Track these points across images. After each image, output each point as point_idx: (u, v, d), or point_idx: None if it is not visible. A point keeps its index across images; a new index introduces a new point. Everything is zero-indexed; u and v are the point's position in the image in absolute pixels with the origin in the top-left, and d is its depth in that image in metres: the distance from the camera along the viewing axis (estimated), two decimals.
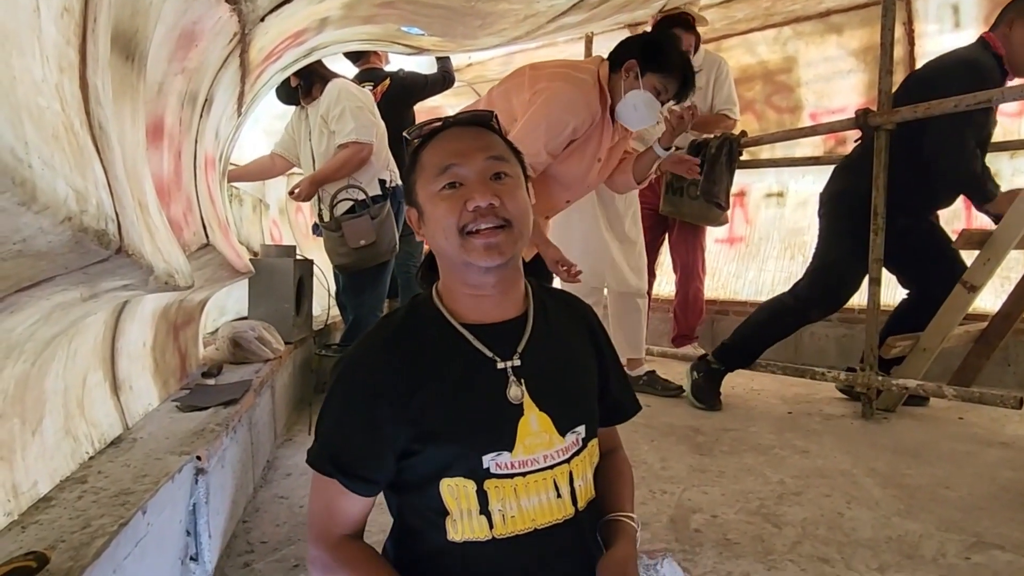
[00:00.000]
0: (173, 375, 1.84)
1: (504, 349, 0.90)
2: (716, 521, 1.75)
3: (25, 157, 0.53)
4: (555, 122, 2.19)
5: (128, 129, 1.01)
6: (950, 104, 2.50)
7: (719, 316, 4.48)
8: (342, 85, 3.01)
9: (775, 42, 4.28)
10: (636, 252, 3.20)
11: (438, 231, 0.87)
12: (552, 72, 2.29)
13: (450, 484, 0.85)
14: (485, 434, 0.86)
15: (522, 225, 0.88)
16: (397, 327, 0.92)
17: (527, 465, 0.86)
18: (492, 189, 0.86)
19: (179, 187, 1.44)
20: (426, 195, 0.90)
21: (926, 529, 1.70)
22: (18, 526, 0.95)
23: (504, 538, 0.85)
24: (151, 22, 1.04)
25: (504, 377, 0.88)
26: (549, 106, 2.19)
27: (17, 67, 0.54)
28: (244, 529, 1.67)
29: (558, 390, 0.91)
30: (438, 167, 0.88)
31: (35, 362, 1.04)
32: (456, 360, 0.89)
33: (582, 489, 0.91)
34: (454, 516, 0.85)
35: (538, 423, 0.88)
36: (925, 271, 2.87)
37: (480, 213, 0.85)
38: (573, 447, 0.90)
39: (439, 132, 0.93)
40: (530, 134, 2.17)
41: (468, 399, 0.87)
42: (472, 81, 5.64)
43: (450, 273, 0.92)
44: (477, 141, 0.90)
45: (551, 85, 2.23)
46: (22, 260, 0.62)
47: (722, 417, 2.83)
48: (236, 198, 3.78)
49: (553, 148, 2.22)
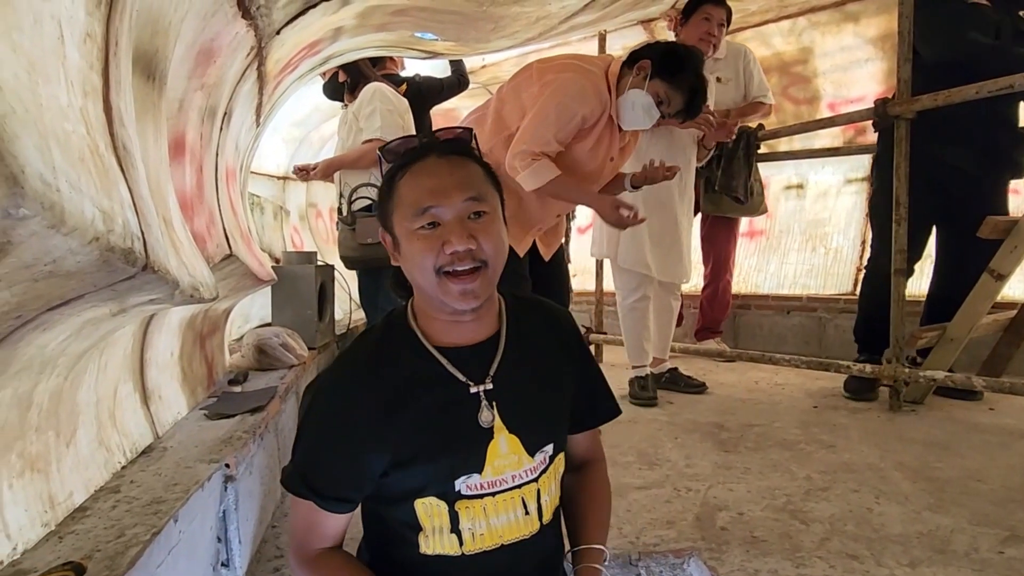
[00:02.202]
0: (200, 383, 1.87)
1: (477, 372, 0.92)
2: (742, 519, 1.74)
3: (53, 181, 0.54)
4: (564, 110, 2.19)
5: (151, 147, 1.03)
6: (971, 91, 2.46)
7: (741, 311, 4.45)
8: (378, 87, 3.07)
9: (790, 33, 4.23)
10: (685, 242, 3.15)
11: (414, 268, 0.88)
12: (561, 64, 2.30)
13: (424, 503, 0.89)
14: (457, 458, 0.89)
15: (497, 263, 0.89)
16: (372, 350, 0.93)
17: (496, 485, 0.90)
18: (469, 230, 0.86)
19: (202, 200, 1.47)
20: (403, 230, 0.89)
21: (958, 523, 1.68)
22: (55, 536, 0.98)
23: (473, 554, 0.90)
24: (171, 41, 1.06)
25: (477, 401, 0.91)
26: (558, 95, 2.19)
27: (44, 95, 0.56)
28: (273, 534, 1.69)
29: (529, 411, 0.93)
30: (416, 207, 0.86)
31: (68, 376, 1.07)
32: (431, 385, 0.90)
33: (548, 504, 0.95)
34: (427, 532, 0.89)
35: (507, 445, 0.90)
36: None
37: (457, 256, 0.85)
38: (541, 466, 0.93)
39: (416, 160, 0.90)
40: (540, 124, 2.18)
41: (442, 425, 0.89)
42: (487, 83, 5.65)
43: (426, 301, 0.92)
44: (455, 176, 0.88)
45: (559, 76, 2.23)
46: (53, 280, 0.64)
47: (746, 413, 2.81)
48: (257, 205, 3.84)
49: (563, 137, 2.22)
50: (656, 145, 2.94)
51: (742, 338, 4.44)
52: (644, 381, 3.02)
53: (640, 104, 2.21)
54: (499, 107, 2.36)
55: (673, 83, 2.19)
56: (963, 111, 2.62)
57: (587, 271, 4.60)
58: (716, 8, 3.02)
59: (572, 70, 2.25)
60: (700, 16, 3.01)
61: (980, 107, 2.60)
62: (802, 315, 4.23)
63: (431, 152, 0.90)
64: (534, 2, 2.42)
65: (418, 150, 0.91)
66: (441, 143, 0.94)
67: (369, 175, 3.03)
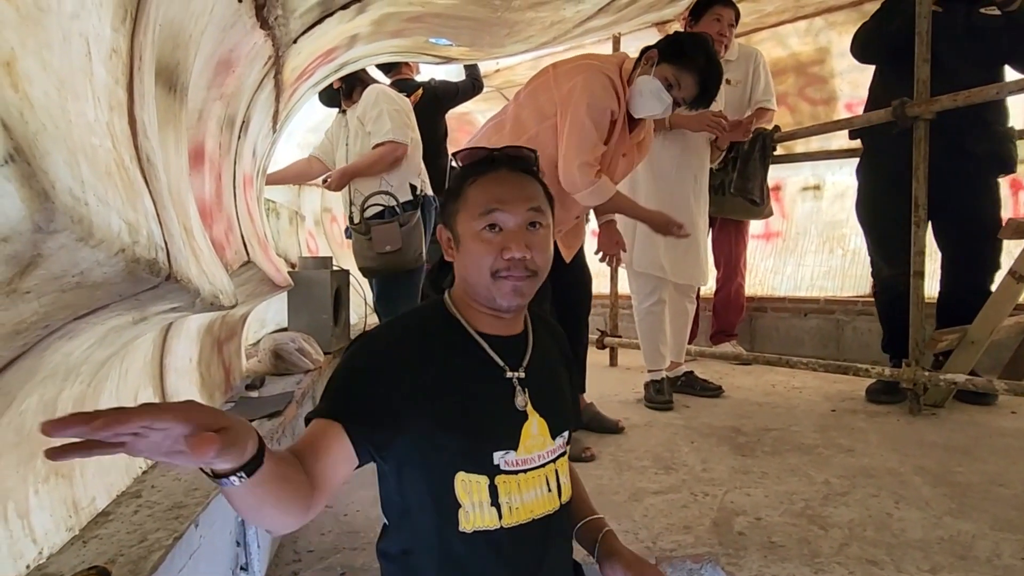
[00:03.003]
0: (218, 388, 1.89)
1: (511, 360, 1.01)
2: (760, 523, 1.73)
3: (82, 196, 0.56)
4: (596, 111, 2.21)
5: (172, 157, 1.05)
6: (992, 91, 2.44)
7: (757, 313, 4.43)
8: (381, 89, 3.08)
9: (807, 33, 4.20)
10: (702, 244, 3.15)
11: (471, 266, 0.97)
12: (575, 66, 2.32)
13: (464, 479, 0.93)
14: (495, 434, 0.96)
15: (544, 274, 0.99)
16: (418, 322, 1.02)
17: (527, 463, 0.97)
18: (527, 240, 0.95)
19: (220, 208, 1.49)
20: (466, 229, 0.98)
21: (979, 529, 1.66)
22: (80, 541, 0.99)
23: (511, 527, 0.95)
24: (191, 53, 1.08)
25: (511, 386, 0.99)
26: (586, 100, 2.21)
27: (72, 111, 0.57)
28: (291, 538, 1.71)
29: (552, 399, 1.03)
30: (482, 207, 0.96)
31: (91, 382, 1.09)
32: (471, 364, 0.99)
33: (565, 486, 1.03)
34: (466, 508, 0.93)
35: (538, 427, 0.99)
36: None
37: (513, 262, 0.94)
38: (559, 449, 1.02)
39: (488, 170, 1.00)
40: (581, 132, 2.21)
41: (481, 401, 0.97)
42: (500, 86, 5.66)
43: (473, 294, 1.00)
44: (521, 189, 0.98)
45: (579, 79, 2.25)
46: (80, 291, 0.65)
47: (763, 416, 2.79)
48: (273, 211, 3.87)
49: (603, 136, 2.24)
50: (670, 148, 2.94)
51: (758, 341, 4.41)
52: (660, 385, 3.01)
53: (648, 89, 2.22)
54: (517, 112, 2.38)
55: (680, 65, 2.19)
56: (952, 109, 2.62)
57: (602, 274, 4.58)
58: (726, 9, 3.01)
59: (588, 70, 2.26)
60: (711, 17, 3.00)
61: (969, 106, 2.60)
62: (819, 317, 4.19)
63: (502, 165, 1.01)
64: (549, 7, 2.43)
65: (492, 161, 1.01)
66: (512, 158, 1.02)
67: (379, 182, 3.03)
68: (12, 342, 0.68)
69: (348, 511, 1.87)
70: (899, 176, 2.78)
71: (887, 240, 2.99)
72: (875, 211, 3.06)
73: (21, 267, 0.56)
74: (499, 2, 2.16)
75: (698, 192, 3.04)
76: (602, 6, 2.65)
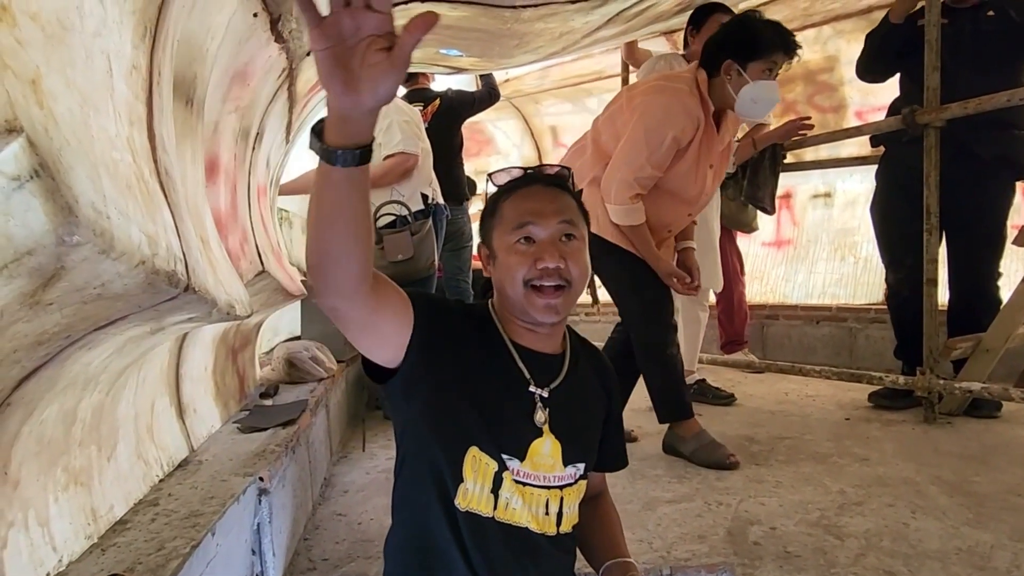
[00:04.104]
0: (233, 397, 1.91)
1: (539, 377, 1.02)
2: (775, 533, 1.72)
3: (104, 209, 0.57)
4: (654, 134, 2.18)
5: (189, 169, 1.06)
6: (1003, 99, 2.43)
7: (769, 321, 4.40)
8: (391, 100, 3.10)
9: (815, 42, 4.20)
10: (714, 246, 3.13)
11: (507, 278, 1.00)
12: (647, 87, 2.32)
13: (476, 456, 0.95)
14: (507, 434, 0.97)
15: (580, 285, 1.00)
16: (475, 313, 1.07)
17: (531, 478, 0.98)
18: (560, 251, 0.98)
19: (235, 219, 1.51)
20: (501, 243, 1.02)
21: (998, 539, 1.64)
22: (98, 549, 1.00)
23: (501, 521, 0.96)
24: (208, 67, 1.10)
25: (533, 401, 1.00)
26: (646, 119, 2.20)
27: (95, 126, 0.58)
28: (305, 547, 1.71)
29: (572, 427, 1.03)
30: (515, 222, 0.99)
31: (109, 392, 1.10)
32: (501, 368, 1.01)
33: (568, 516, 1.03)
34: (467, 485, 0.94)
35: (550, 447, 1.00)
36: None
37: (547, 272, 0.96)
38: (570, 478, 1.02)
39: (522, 186, 1.04)
40: (631, 151, 2.20)
41: (500, 405, 0.98)
42: (510, 96, 5.69)
43: (509, 306, 1.02)
44: (554, 203, 1.01)
45: (645, 99, 2.25)
46: (101, 302, 0.66)
47: (776, 425, 2.77)
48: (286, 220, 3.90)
49: (657, 161, 2.21)
50: None
51: (770, 349, 4.39)
52: None
53: (759, 94, 2.16)
54: (596, 136, 2.41)
55: (764, 54, 2.13)
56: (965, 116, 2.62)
57: None
58: (727, 16, 3.01)
59: (657, 91, 2.25)
60: (712, 25, 2.98)
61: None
62: (832, 325, 4.16)
63: (536, 181, 1.05)
64: (558, 19, 2.44)
65: (525, 178, 1.05)
66: (545, 175, 1.06)
67: (390, 192, 3.05)
68: (34, 352, 0.69)
69: (362, 520, 1.87)
70: (906, 181, 2.78)
71: (892, 244, 3.01)
72: (882, 215, 3.06)
73: (44, 279, 0.57)
74: (509, 14, 2.17)
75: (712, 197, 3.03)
76: (610, 17, 2.67)
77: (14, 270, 0.52)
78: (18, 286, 0.55)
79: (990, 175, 2.77)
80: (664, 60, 3.28)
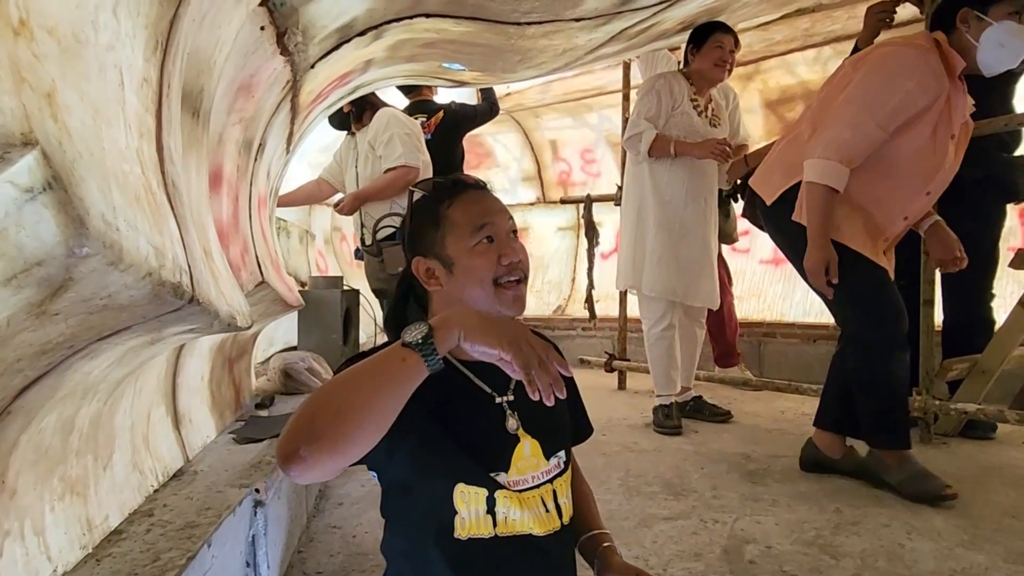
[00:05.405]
0: (228, 407, 1.90)
1: (497, 385, 1.02)
2: (771, 552, 1.71)
3: (113, 221, 0.57)
4: (887, 85, 1.93)
5: (194, 180, 1.07)
6: (1000, 123, 2.45)
7: (766, 339, 4.41)
8: (392, 113, 3.12)
9: (815, 62, 4.24)
10: (712, 264, 3.11)
11: (473, 281, 1.00)
12: (879, 47, 2.11)
13: (463, 491, 0.94)
14: (488, 457, 0.97)
15: (527, 278, 1.04)
16: None
17: (520, 484, 0.98)
18: (514, 245, 1.02)
19: (237, 230, 1.51)
20: (459, 249, 1.01)
21: (992, 561, 1.64)
22: (93, 559, 1.00)
23: (505, 536, 0.95)
24: (214, 79, 1.11)
25: (501, 410, 1.01)
26: (879, 71, 1.96)
27: (106, 138, 0.59)
28: (300, 559, 1.70)
29: (544, 420, 1.03)
30: (473, 224, 1.01)
31: (107, 401, 1.10)
32: (459, 393, 0.99)
33: (565, 506, 1.03)
34: (462, 515, 0.94)
35: (530, 449, 1.01)
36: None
37: (512, 267, 1.00)
38: (555, 469, 1.03)
39: (460, 192, 1.05)
40: (854, 105, 1.97)
41: (472, 430, 0.98)
42: (511, 109, 5.72)
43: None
44: (496, 203, 1.06)
45: (879, 52, 2.03)
46: (106, 313, 0.66)
47: (773, 443, 2.77)
48: (283, 230, 3.91)
49: (884, 117, 1.95)
50: (678, 172, 2.95)
51: (768, 367, 4.39)
52: (669, 409, 3.00)
53: (1006, 35, 1.91)
54: (816, 118, 2.17)
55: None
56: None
57: (610, 296, 4.60)
58: (726, 36, 3.04)
59: (894, 46, 2.03)
60: (712, 44, 3.01)
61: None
62: (829, 344, 4.16)
63: (469, 187, 1.07)
64: (562, 36, 2.47)
65: (460, 184, 1.07)
66: (476, 180, 1.10)
67: (390, 204, 3.06)
68: (38, 362, 0.70)
69: (357, 532, 1.86)
70: None
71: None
72: None
73: (52, 290, 0.57)
74: (513, 30, 2.19)
75: (708, 214, 3.05)
76: (614, 35, 2.69)
77: (23, 280, 0.52)
78: (26, 296, 0.55)
79: (975, 197, 2.77)
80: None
